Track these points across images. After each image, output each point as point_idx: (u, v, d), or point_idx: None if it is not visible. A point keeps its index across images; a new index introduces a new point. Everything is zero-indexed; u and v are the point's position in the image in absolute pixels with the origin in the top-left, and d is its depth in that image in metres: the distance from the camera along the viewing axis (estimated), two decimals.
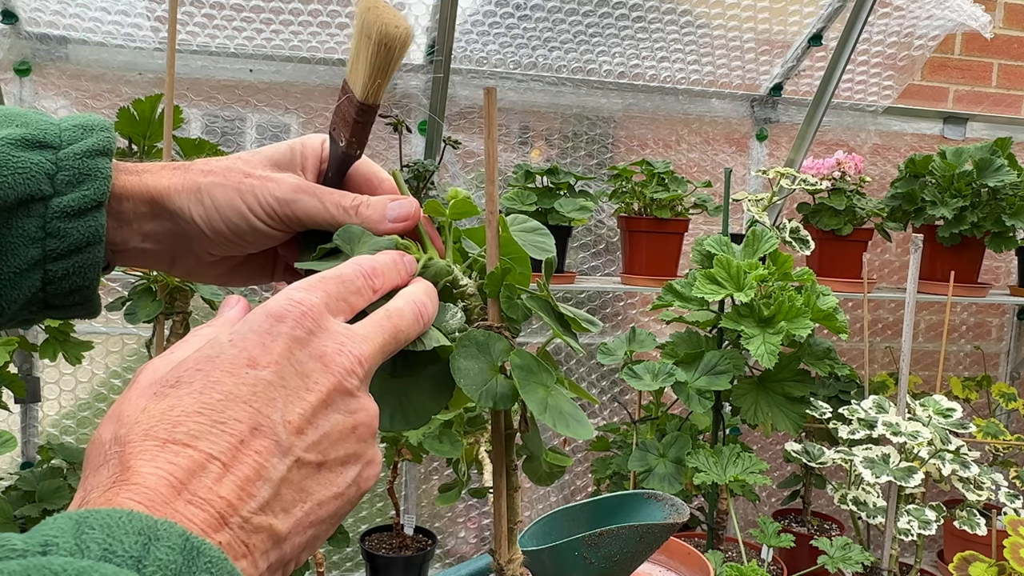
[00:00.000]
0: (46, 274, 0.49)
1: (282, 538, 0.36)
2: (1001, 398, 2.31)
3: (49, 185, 0.49)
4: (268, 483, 0.35)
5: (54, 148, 0.50)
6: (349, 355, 0.40)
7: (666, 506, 0.86)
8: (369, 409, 0.41)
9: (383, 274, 0.46)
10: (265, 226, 0.52)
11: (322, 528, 0.38)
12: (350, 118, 0.53)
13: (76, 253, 0.49)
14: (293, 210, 0.52)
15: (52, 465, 1.72)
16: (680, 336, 1.67)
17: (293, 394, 0.37)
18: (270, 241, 0.54)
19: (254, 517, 0.34)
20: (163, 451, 0.34)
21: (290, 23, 1.85)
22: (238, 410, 0.36)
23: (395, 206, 0.53)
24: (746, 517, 2.35)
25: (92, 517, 0.29)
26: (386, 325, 0.43)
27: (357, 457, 0.40)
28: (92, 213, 0.49)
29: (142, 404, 0.36)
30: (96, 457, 0.36)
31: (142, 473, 0.33)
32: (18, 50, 1.75)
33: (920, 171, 2.08)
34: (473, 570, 1.11)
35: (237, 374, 0.37)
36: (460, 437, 1.57)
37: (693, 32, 2.09)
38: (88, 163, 0.50)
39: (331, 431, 0.39)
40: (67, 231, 0.49)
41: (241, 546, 0.34)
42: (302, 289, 0.41)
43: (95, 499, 0.33)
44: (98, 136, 0.51)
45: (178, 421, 0.35)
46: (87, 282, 0.51)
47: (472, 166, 2.10)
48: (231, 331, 0.39)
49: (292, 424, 0.37)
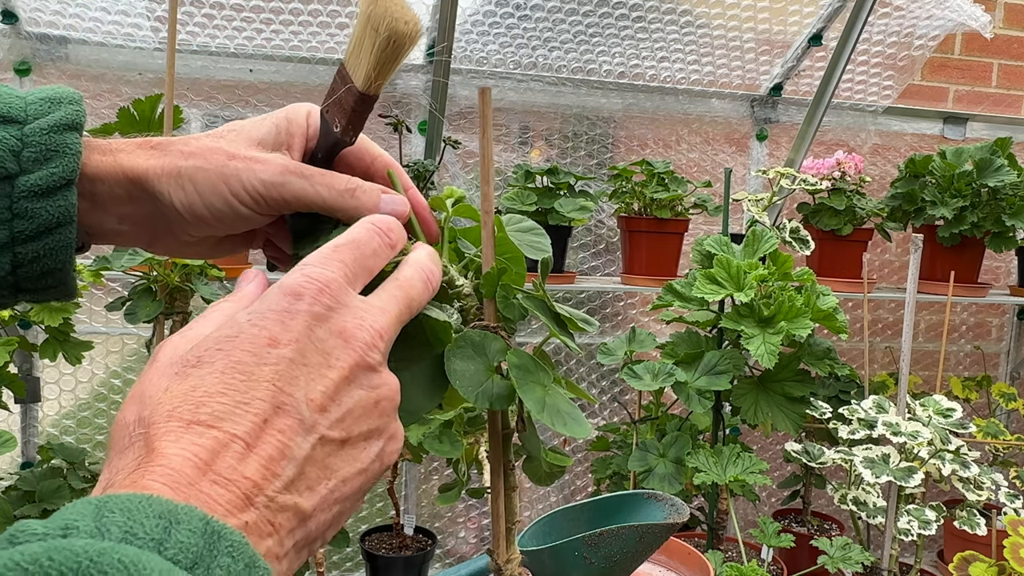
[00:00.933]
0: (15, 257, 0.47)
1: (308, 516, 0.36)
2: (1001, 398, 2.31)
3: (15, 163, 0.46)
4: (292, 462, 0.35)
5: (19, 123, 0.47)
6: (370, 329, 0.40)
7: (666, 506, 0.86)
8: (391, 383, 0.41)
9: (396, 228, 0.45)
10: (250, 211, 0.50)
11: (347, 504, 0.38)
12: (348, 106, 0.51)
13: (46, 234, 0.47)
14: (281, 193, 0.50)
15: (52, 465, 1.72)
16: (680, 336, 1.67)
17: (315, 371, 0.37)
18: (254, 224, 0.52)
19: (279, 496, 0.34)
20: (187, 432, 0.34)
21: (290, 23, 1.85)
22: (261, 389, 0.36)
23: (388, 200, 0.51)
24: (746, 517, 2.35)
25: (112, 501, 0.29)
26: (399, 295, 0.43)
27: (380, 432, 0.40)
28: (62, 192, 0.47)
29: (164, 384, 0.36)
30: (121, 439, 0.36)
31: (167, 455, 0.33)
32: (18, 50, 1.75)
33: (920, 171, 2.08)
34: (473, 570, 1.11)
35: (258, 353, 0.37)
36: (460, 437, 1.57)
37: (693, 32, 2.09)
38: (56, 138, 0.47)
39: (354, 407, 0.38)
40: (35, 211, 0.46)
41: (267, 525, 0.34)
42: (318, 264, 0.40)
43: (120, 481, 0.33)
44: (66, 109, 0.48)
45: (201, 402, 0.35)
46: (59, 264, 0.48)
47: (472, 166, 2.10)
48: (249, 310, 0.39)
49: (315, 402, 0.37)
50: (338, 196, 0.50)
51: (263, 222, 0.52)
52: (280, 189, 0.50)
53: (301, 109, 0.54)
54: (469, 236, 0.57)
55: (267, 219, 0.52)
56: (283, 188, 0.50)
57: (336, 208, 0.50)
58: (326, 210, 0.50)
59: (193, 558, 0.29)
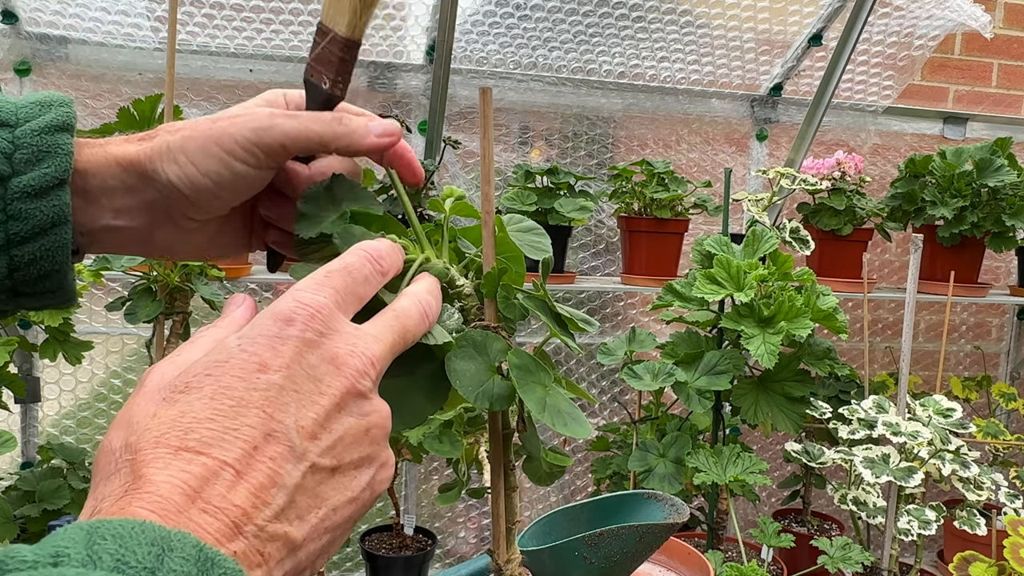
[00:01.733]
0: (12, 260, 0.48)
1: (298, 545, 0.35)
2: (1001, 398, 2.31)
3: (7, 164, 0.47)
4: (283, 490, 0.35)
5: (10, 126, 0.48)
6: (361, 356, 0.39)
7: (666, 506, 0.86)
8: (382, 411, 0.40)
9: (388, 256, 0.45)
10: (247, 166, 0.50)
11: (337, 533, 0.38)
12: (335, 58, 0.52)
13: (41, 235, 0.47)
14: (273, 136, 0.49)
15: (52, 465, 1.72)
16: (680, 336, 1.67)
17: (306, 398, 0.37)
18: (254, 185, 0.52)
19: (269, 525, 0.34)
20: (176, 459, 0.33)
21: (290, 23, 1.85)
22: (250, 416, 0.35)
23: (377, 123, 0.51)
24: (746, 517, 2.35)
25: (104, 527, 0.29)
26: (395, 325, 0.43)
27: (371, 460, 0.39)
28: (55, 192, 0.47)
29: (152, 410, 0.36)
30: (106, 465, 0.35)
31: (155, 481, 0.32)
32: (18, 50, 1.75)
33: (920, 171, 2.08)
34: (473, 570, 1.12)
35: (248, 379, 0.36)
36: (460, 437, 1.58)
37: (693, 32, 2.09)
38: (47, 139, 0.48)
39: (345, 435, 0.38)
40: (29, 212, 0.47)
41: (256, 555, 0.33)
42: (310, 289, 0.40)
43: (107, 508, 0.32)
44: (57, 111, 0.49)
45: (190, 428, 0.34)
46: (56, 266, 0.49)
47: (472, 166, 2.10)
48: (239, 335, 0.38)
49: (306, 429, 0.36)
50: (327, 126, 0.50)
51: (263, 179, 0.52)
52: (271, 132, 0.49)
53: (276, 91, 0.55)
54: (469, 236, 0.57)
55: (267, 175, 0.52)
56: (274, 130, 0.49)
57: (328, 138, 0.50)
58: (320, 144, 0.50)
59: None
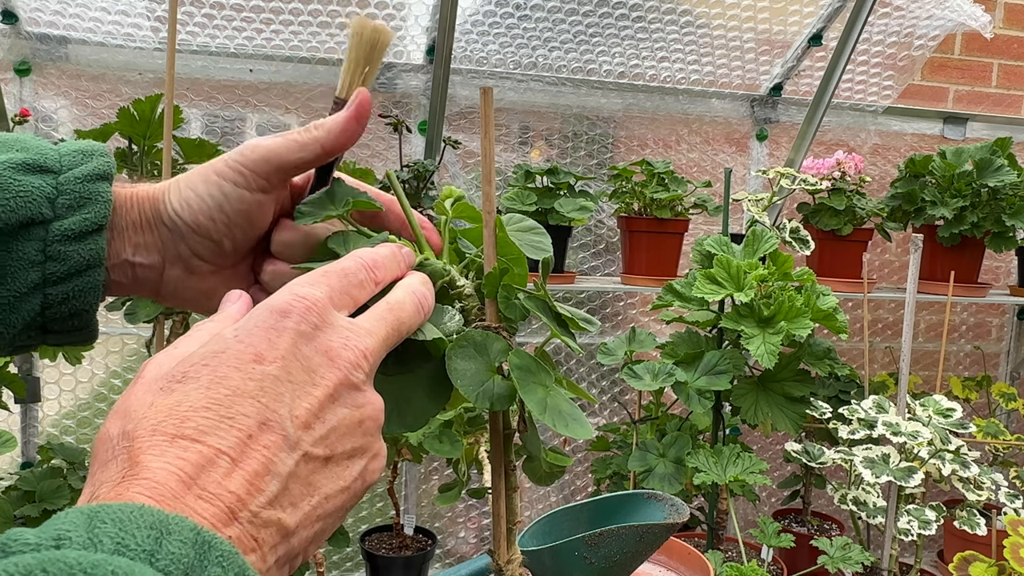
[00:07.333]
0: (46, 298, 0.50)
1: (290, 532, 0.36)
2: (1001, 398, 2.31)
3: (50, 209, 0.49)
4: (276, 477, 0.36)
5: (54, 172, 0.51)
6: (354, 349, 0.40)
7: (666, 506, 0.86)
8: (375, 403, 0.41)
9: (384, 266, 0.47)
10: (235, 186, 0.52)
11: (329, 521, 0.39)
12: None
13: (76, 276, 0.50)
14: (259, 154, 0.52)
15: (52, 465, 1.72)
16: (680, 336, 1.67)
17: (300, 389, 0.38)
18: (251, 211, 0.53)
19: (263, 511, 0.35)
20: (172, 446, 0.34)
21: (290, 23, 1.85)
22: (246, 405, 0.36)
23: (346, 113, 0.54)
24: (746, 517, 2.35)
25: (104, 511, 0.30)
26: (388, 318, 0.44)
27: (363, 451, 0.41)
28: (92, 236, 0.50)
29: (149, 399, 0.37)
30: (104, 452, 0.36)
31: (151, 468, 0.33)
32: (18, 50, 1.75)
33: (920, 171, 2.08)
34: (473, 570, 1.12)
35: (244, 369, 0.37)
36: (460, 437, 1.58)
37: (693, 32, 2.09)
38: (89, 187, 0.50)
39: (338, 425, 0.39)
40: (67, 254, 0.49)
41: (250, 540, 0.34)
42: (306, 284, 0.41)
43: (105, 494, 0.33)
44: (98, 161, 0.52)
45: (186, 416, 0.35)
46: (86, 306, 0.51)
47: (472, 166, 2.10)
48: (236, 327, 0.39)
49: (299, 419, 0.37)
50: (304, 132, 0.53)
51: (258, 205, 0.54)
52: (256, 150, 0.52)
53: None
54: (470, 236, 0.57)
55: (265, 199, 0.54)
56: (258, 148, 0.53)
57: (307, 140, 0.53)
58: (300, 148, 0.53)
59: (184, 569, 0.29)
